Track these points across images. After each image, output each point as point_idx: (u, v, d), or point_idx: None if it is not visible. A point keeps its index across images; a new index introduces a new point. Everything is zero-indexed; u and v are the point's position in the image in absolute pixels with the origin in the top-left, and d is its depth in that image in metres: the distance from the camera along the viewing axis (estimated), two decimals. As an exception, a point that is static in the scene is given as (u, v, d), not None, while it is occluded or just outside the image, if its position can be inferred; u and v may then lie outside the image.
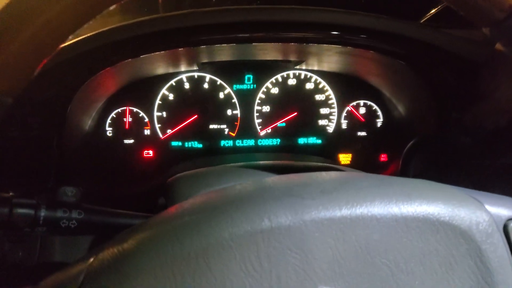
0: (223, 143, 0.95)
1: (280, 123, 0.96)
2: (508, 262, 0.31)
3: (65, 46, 0.65)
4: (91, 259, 0.29)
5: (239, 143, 0.96)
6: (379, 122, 0.97)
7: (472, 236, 0.31)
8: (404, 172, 0.81)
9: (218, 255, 0.27)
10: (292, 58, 0.91)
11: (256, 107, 0.95)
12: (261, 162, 0.71)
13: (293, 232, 0.28)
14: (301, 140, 0.98)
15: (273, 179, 0.36)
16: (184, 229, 0.28)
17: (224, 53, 0.86)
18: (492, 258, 0.31)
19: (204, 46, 0.77)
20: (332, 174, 0.38)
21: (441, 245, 0.30)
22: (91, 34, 0.66)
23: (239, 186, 0.34)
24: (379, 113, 0.97)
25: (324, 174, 0.37)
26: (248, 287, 0.27)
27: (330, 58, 0.87)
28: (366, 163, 0.98)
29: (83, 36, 0.66)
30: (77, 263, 0.29)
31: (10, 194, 0.45)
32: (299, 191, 0.31)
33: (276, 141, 0.98)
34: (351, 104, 0.97)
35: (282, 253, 0.27)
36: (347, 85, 0.96)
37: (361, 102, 0.97)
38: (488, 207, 0.33)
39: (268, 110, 0.96)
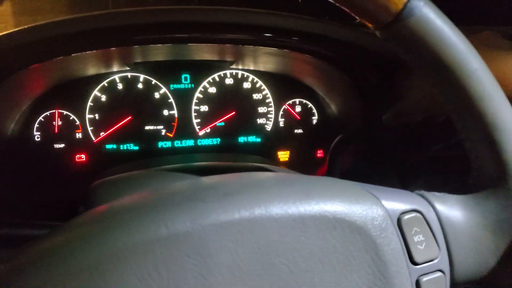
0: (160, 144, 0.94)
1: (219, 123, 0.97)
2: (402, 253, 0.33)
3: None
4: None
5: (177, 143, 0.95)
6: (315, 119, 1.01)
7: (367, 231, 0.32)
8: (331, 168, 0.84)
9: (112, 267, 0.26)
10: (228, 58, 0.91)
11: (194, 107, 0.95)
12: (193, 164, 0.70)
13: (192, 238, 0.28)
14: (241, 139, 0.99)
15: (180, 183, 0.35)
16: (76, 241, 0.27)
17: (159, 52, 0.84)
18: (387, 251, 0.32)
19: (138, 46, 0.75)
20: (244, 175, 0.38)
21: (338, 242, 0.31)
22: (16, 29, 0.61)
23: (141, 193, 0.33)
24: (314, 111, 1.01)
25: (235, 175, 0.37)
26: None
27: (264, 59, 0.88)
28: (303, 159, 1.01)
29: (7, 32, 0.61)
30: None
31: None
32: (202, 194, 0.31)
33: (216, 141, 0.98)
34: (287, 103, 0.99)
35: (180, 260, 0.27)
36: (283, 85, 0.98)
37: (297, 100, 1.00)
38: (384, 202, 0.34)
39: (207, 109, 0.96)
